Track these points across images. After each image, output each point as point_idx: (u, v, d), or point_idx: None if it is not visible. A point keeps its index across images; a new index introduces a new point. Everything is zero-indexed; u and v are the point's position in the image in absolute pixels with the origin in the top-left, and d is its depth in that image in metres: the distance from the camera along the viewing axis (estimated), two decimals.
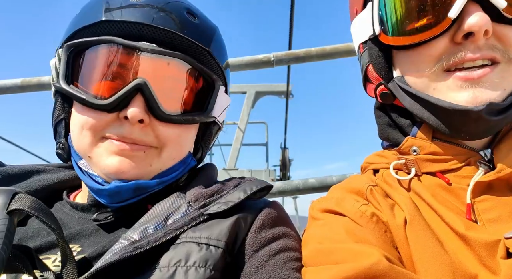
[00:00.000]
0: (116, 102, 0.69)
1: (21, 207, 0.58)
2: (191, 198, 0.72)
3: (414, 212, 0.69)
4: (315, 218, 0.77)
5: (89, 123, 0.71)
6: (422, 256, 0.64)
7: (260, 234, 0.70)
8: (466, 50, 0.64)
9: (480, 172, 0.67)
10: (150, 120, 0.72)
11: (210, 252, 0.62)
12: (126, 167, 0.70)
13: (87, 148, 0.73)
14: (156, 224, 0.66)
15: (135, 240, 0.62)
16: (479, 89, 0.64)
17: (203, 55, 0.78)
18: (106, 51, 0.72)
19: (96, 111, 0.71)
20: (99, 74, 0.72)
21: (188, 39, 0.74)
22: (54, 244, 0.68)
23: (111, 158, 0.70)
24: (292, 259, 0.68)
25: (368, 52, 0.80)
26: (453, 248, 0.62)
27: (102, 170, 0.71)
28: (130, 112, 0.69)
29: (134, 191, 0.71)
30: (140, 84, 0.69)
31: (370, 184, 0.78)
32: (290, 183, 1.62)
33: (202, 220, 0.68)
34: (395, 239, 0.69)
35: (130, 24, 0.71)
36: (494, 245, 0.59)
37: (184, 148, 0.80)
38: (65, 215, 0.76)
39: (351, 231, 0.68)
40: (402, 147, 0.77)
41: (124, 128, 0.71)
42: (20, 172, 0.84)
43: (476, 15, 0.61)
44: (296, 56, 1.88)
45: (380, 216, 0.71)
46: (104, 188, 0.70)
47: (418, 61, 0.70)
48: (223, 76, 0.86)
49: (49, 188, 0.83)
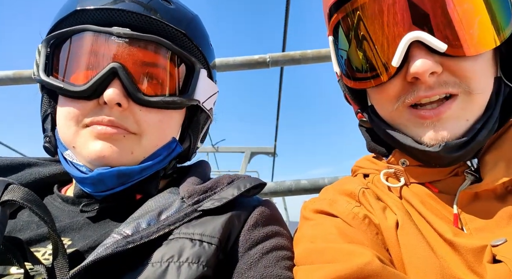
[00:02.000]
0: (92, 87, 0.70)
1: (14, 198, 0.58)
2: (185, 194, 0.72)
3: (405, 215, 0.70)
4: (308, 218, 0.78)
5: (70, 112, 0.72)
6: (413, 258, 0.65)
7: (253, 232, 0.70)
8: (419, 89, 0.66)
9: (467, 182, 0.69)
10: (129, 105, 0.72)
11: (203, 249, 0.61)
12: (107, 151, 0.70)
13: (71, 138, 0.73)
14: (149, 219, 0.65)
15: (127, 234, 0.61)
16: (439, 126, 0.66)
17: (180, 38, 0.78)
18: (81, 40, 0.72)
19: (76, 100, 0.72)
20: (75, 63, 0.73)
21: (163, 22, 0.74)
22: (44, 237, 0.68)
23: (93, 143, 0.70)
24: (285, 258, 0.68)
25: (341, 83, 0.84)
26: (442, 252, 0.63)
27: (86, 158, 0.71)
28: (106, 95, 0.69)
29: (117, 178, 0.71)
30: (114, 67, 0.69)
31: (363, 186, 0.79)
32: (282, 184, 1.62)
33: (196, 216, 0.68)
34: (386, 241, 0.69)
35: (103, 11, 0.72)
36: (481, 250, 0.60)
37: (167, 134, 0.79)
38: (56, 209, 0.76)
39: (344, 232, 0.69)
40: (390, 159, 0.79)
41: (103, 112, 0.71)
42: (11, 164, 0.83)
43: (419, 61, 0.63)
44: (292, 58, 1.89)
45: (372, 218, 0.72)
46: (87, 176, 0.70)
47: (380, 99, 0.74)
48: (204, 60, 0.84)
49: (40, 181, 0.83)
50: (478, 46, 0.63)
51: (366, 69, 0.71)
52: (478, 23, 0.63)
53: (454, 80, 0.65)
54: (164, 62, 0.76)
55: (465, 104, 0.66)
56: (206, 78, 0.83)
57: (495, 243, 0.60)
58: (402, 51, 0.64)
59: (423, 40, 0.62)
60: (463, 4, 0.62)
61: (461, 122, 0.66)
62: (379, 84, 0.70)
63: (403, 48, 0.64)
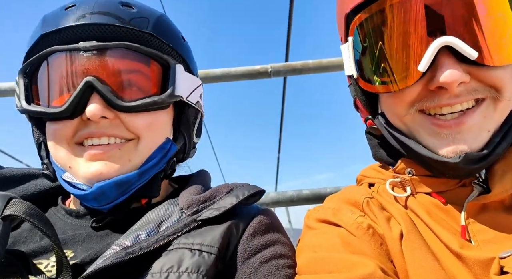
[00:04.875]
0: (72, 105, 0.70)
1: (16, 213, 0.59)
2: (184, 204, 0.72)
3: (410, 226, 0.69)
4: (311, 228, 0.77)
5: (58, 134, 0.73)
6: (418, 270, 0.64)
7: (252, 241, 0.70)
8: (441, 98, 0.65)
9: (475, 193, 0.68)
10: (116, 115, 0.72)
11: (202, 258, 0.62)
12: (105, 169, 0.71)
13: (65, 158, 0.73)
14: (149, 230, 0.65)
15: (127, 246, 0.62)
16: (458, 138, 0.64)
17: (148, 40, 0.77)
18: (52, 62, 0.73)
19: (61, 121, 0.72)
20: (52, 86, 0.74)
21: (127, 28, 0.74)
22: (46, 249, 0.68)
23: (88, 165, 0.71)
24: (285, 266, 0.68)
25: (353, 88, 0.81)
26: (448, 264, 0.62)
27: (84, 178, 0.71)
28: (88, 111, 0.69)
29: (117, 188, 0.71)
30: (89, 81, 0.69)
31: (367, 196, 0.78)
32: (284, 194, 1.62)
33: (195, 226, 0.68)
34: (390, 252, 0.68)
35: (67, 29, 0.72)
36: (489, 263, 0.59)
37: (160, 135, 0.79)
38: (59, 221, 0.76)
39: (347, 242, 0.68)
40: (396, 168, 0.78)
41: (91, 127, 0.71)
42: (17, 176, 0.84)
43: (448, 72, 0.61)
44: (293, 68, 1.89)
45: (376, 228, 0.71)
46: (87, 193, 0.70)
47: (394, 104, 0.72)
48: (178, 55, 0.83)
49: (44, 193, 0.84)
50: (509, 56, 0.62)
51: (388, 72, 0.68)
52: (511, 33, 0.62)
53: (483, 87, 0.64)
54: (137, 65, 0.76)
55: (489, 111, 0.65)
56: (184, 72, 0.82)
57: (503, 255, 0.59)
58: (431, 56, 0.62)
59: (455, 45, 0.61)
60: (496, 13, 0.61)
61: (483, 134, 0.65)
62: (400, 90, 0.68)
63: (432, 53, 0.62)
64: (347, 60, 0.78)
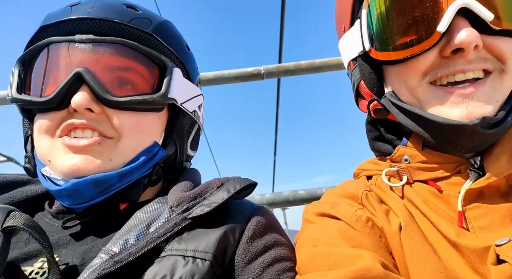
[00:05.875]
0: (59, 95, 0.69)
1: (16, 224, 0.59)
2: (173, 202, 0.70)
3: (408, 218, 0.69)
4: (310, 222, 0.77)
5: (42, 125, 0.71)
6: (416, 261, 0.64)
7: (252, 245, 0.68)
8: (455, 64, 0.66)
9: (471, 179, 0.68)
10: (103, 110, 0.71)
11: (196, 266, 0.59)
12: (83, 163, 0.68)
13: (46, 151, 0.72)
14: (138, 233, 0.63)
15: (114, 253, 0.59)
16: (472, 104, 0.65)
17: (147, 40, 0.76)
18: (48, 53, 0.73)
19: (48, 113, 0.71)
20: (45, 76, 0.73)
21: (127, 25, 0.73)
22: (31, 255, 0.67)
23: (67, 157, 0.69)
24: (286, 270, 0.67)
25: (359, 69, 0.80)
26: (446, 254, 0.62)
27: (61, 172, 0.69)
28: (74, 101, 0.68)
29: (94, 186, 0.68)
30: (79, 72, 0.68)
31: (366, 189, 0.78)
32: (280, 195, 1.62)
33: (186, 224, 0.66)
34: (390, 244, 0.68)
35: (66, 22, 0.73)
36: (485, 251, 0.59)
37: (146, 137, 0.76)
38: (46, 225, 0.75)
39: (346, 235, 0.68)
40: (393, 156, 0.78)
41: (74, 118, 0.70)
42: (3, 183, 0.82)
43: (465, 31, 0.62)
44: (286, 69, 1.90)
45: (375, 221, 0.71)
46: (61, 187, 0.68)
47: (406, 75, 0.71)
48: (178, 60, 0.82)
49: (31, 199, 0.82)
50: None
51: (406, 36, 0.68)
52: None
53: (492, 57, 0.66)
54: (131, 63, 0.74)
55: (497, 83, 0.66)
56: (182, 78, 0.81)
57: (499, 242, 0.59)
58: (450, 17, 0.63)
59: (472, 7, 0.62)
60: None
61: (492, 102, 0.66)
62: (417, 54, 0.67)
63: (451, 14, 0.63)
64: (353, 40, 0.78)
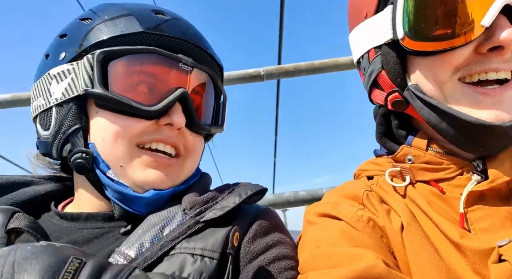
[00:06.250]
0: (163, 109, 0.72)
1: (20, 226, 0.60)
2: (187, 205, 0.71)
3: (410, 217, 0.70)
4: (311, 222, 0.77)
5: (126, 131, 0.71)
6: (418, 261, 0.64)
7: (253, 244, 0.69)
8: (491, 61, 0.65)
9: (473, 181, 0.68)
10: (183, 130, 0.77)
11: (204, 264, 0.61)
12: (162, 179, 0.73)
13: (120, 157, 0.71)
14: (152, 236, 0.65)
15: (131, 258, 0.61)
16: (501, 106, 0.65)
17: (217, 72, 0.87)
18: (149, 61, 0.74)
19: (133, 118, 0.71)
20: (141, 82, 0.73)
21: (213, 57, 0.83)
22: None
23: (148, 171, 0.72)
24: (287, 268, 0.68)
25: (382, 58, 0.77)
26: (448, 254, 0.63)
27: (136, 182, 0.71)
28: (177, 119, 0.73)
29: (167, 198, 0.75)
30: (184, 93, 0.74)
31: (366, 189, 0.78)
32: (281, 196, 1.62)
33: (199, 228, 0.67)
34: (391, 244, 0.69)
35: (168, 38, 0.76)
36: (488, 253, 0.60)
37: (199, 158, 0.85)
38: (53, 225, 0.75)
39: (348, 235, 0.68)
40: (397, 155, 0.77)
41: (163, 134, 0.74)
42: (6, 184, 0.82)
43: (509, 30, 0.62)
44: (286, 71, 1.91)
45: (376, 221, 0.71)
46: (143, 196, 0.71)
47: (437, 69, 0.69)
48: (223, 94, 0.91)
49: (35, 200, 0.82)
50: None
51: (446, 26, 0.66)
52: None
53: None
54: (211, 92, 0.84)
55: None
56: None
57: (501, 243, 0.60)
58: (496, 12, 0.62)
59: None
60: None
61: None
62: (456, 47, 0.66)
63: (497, 9, 0.62)
64: (379, 27, 0.75)
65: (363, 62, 0.84)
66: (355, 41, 0.85)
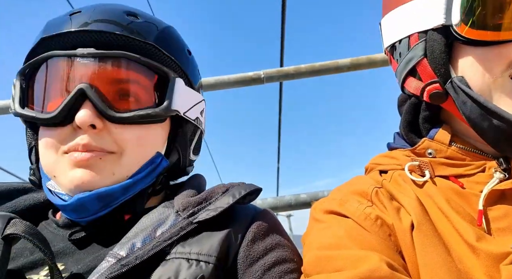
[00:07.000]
0: (63, 112, 0.69)
1: (16, 232, 0.59)
2: (179, 207, 0.70)
3: (421, 216, 0.68)
4: (318, 220, 0.75)
5: (48, 141, 0.71)
6: (429, 262, 0.63)
7: (252, 247, 0.68)
8: None
9: (495, 179, 0.66)
10: (105, 125, 0.71)
11: (200, 269, 0.60)
12: (87, 177, 0.68)
13: (51, 167, 0.72)
14: (144, 237, 0.64)
15: (122, 257, 0.60)
16: None
17: (149, 50, 0.76)
18: (49, 67, 0.73)
19: (53, 128, 0.71)
20: (47, 91, 0.73)
21: (129, 37, 0.73)
22: (36, 263, 0.67)
23: (72, 172, 0.69)
24: (288, 272, 0.67)
25: (426, 44, 0.72)
26: (460, 256, 0.61)
27: (66, 187, 0.69)
28: (78, 118, 0.68)
29: (98, 200, 0.69)
30: (82, 89, 0.68)
31: (376, 185, 0.76)
32: (282, 199, 1.61)
33: (192, 229, 0.66)
34: (400, 243, 0.67)
35: (66, 34, 0.72)
36: (502, 257, 0.58)
37: (149, 149, 0.76)
38: (50, 234, 0.75)
39: (353, 236, 0.67)
40: (417, 148, 0.75)
41: (78, 136, 0.70)
42: (6, 191, 0.83)
43: None
44: (286, 73, 1.90)
45: (385, 219, 0.69)
46: (66, 203, 0.68)
47: (489, 62, 0.65)
48: (180, 69, 0.82)
49: (34, 207, 0.82)
50: None
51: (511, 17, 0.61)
52: None
53: None
54: (134, 76, 0.74)
55: None
56: (184, 87, 0.81)
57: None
58: None
59: None
60: None
61: None
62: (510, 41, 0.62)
63: None
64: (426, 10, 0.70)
65: (399, 47, 0.78)
66: (392, 24, 0.80)
